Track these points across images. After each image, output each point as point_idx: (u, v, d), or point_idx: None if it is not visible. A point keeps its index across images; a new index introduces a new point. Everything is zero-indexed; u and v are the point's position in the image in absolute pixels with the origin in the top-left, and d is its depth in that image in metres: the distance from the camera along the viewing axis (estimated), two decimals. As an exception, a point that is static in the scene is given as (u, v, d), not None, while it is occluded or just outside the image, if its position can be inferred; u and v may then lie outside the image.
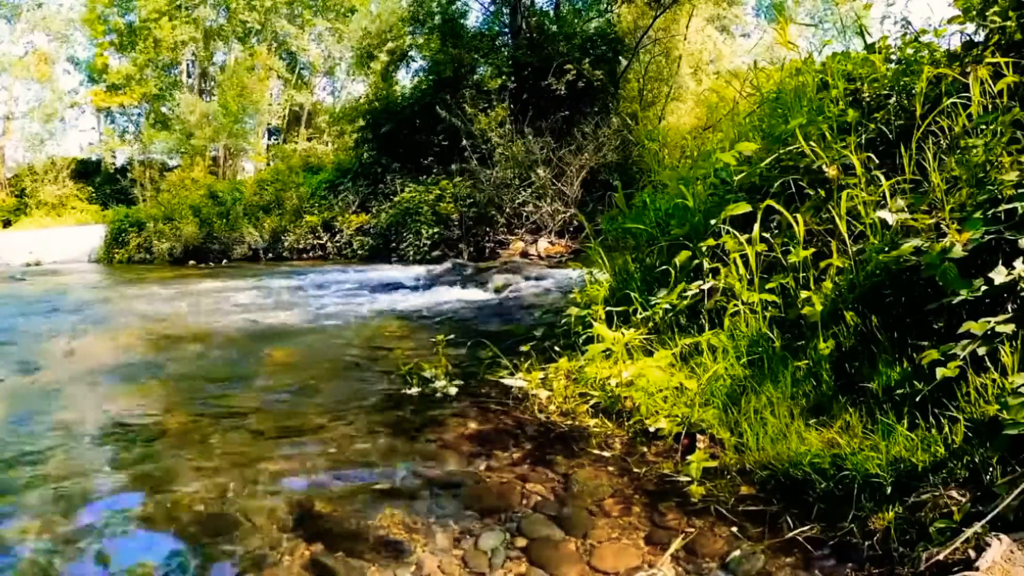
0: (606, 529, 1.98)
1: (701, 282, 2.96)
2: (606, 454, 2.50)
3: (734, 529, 1.91)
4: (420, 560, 1.86)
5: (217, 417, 3.09)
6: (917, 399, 1.96)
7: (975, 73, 2.52)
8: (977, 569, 1.42)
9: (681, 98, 14.92)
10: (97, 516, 2.15)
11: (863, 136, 2.86)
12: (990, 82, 2.50)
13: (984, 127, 2.39)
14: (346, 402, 3.28)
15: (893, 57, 3.19)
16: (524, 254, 10.85)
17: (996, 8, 2.71)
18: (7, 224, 21.81)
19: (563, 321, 3.73)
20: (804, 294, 2.53)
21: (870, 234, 2.50)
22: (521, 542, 1.94)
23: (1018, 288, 1.88)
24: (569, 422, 2.82)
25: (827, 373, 2.32)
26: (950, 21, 2.92)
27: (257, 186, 15.02)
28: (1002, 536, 1.48)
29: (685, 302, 3.02)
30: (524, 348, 3.45)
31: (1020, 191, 2.05)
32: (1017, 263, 1.88)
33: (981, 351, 1.85)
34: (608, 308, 3.36)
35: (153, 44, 23.03)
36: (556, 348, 3.44)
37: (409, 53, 15.01)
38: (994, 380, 1.80)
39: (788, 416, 2.24)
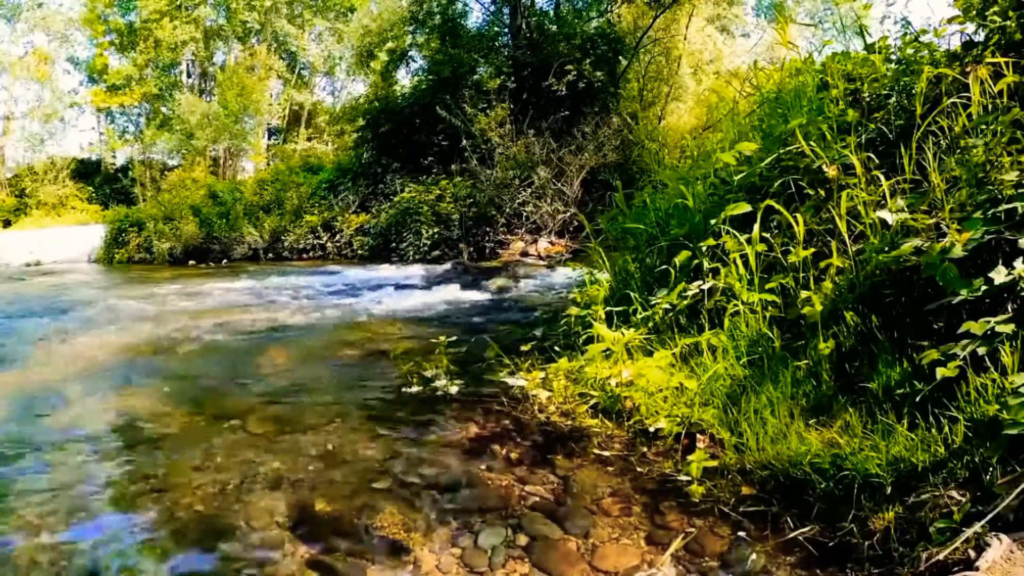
0: (607, 529, 1.98)
1: (701, 282, 2.96)
2: (606, 454, 2.50)
3: (735, 529, 1.92)
4: (420, 559, 1.86)
5: (217, 417, 3.09)
6: (917, 399, 1.96)
7: (975, 73, 2.51)
8: (977, 569, 1.42)
9: (681, 98, 14.95)
10: (97, 517, 2.15)
11: (863, 136, 2.86)
12: (990, 82, 2.50)
13: (984, 127, 2.38)
14: (346, 402, 3.28)
15: (893, 57, 3.19)
16: (524, 254, 10.85)
17: (996, 8, 2.71)
18: (7, 224, 21.75)
19: (563, 321, 3.73)
20: (804, 294, 2.53)
21: (870, 234, 2.50)
22: (522, 540, 1.94)
23: (1018, 288, 1.88)
24: (569, 422, 2.82)
25: (827, 373, 2.32)
26: (950, 21, 2.92)
27: (257, 186, 14.99)
28: (1002, 536, 1.48)
29: (685, 302, 3.02)
30: (524, 348, 3.45)
31: (1020, 191, 2.06)
32: (1017, 263, 1.88)
33: (981, 351, 1.85)
34: (608, 308, 3.36)
35: (153, 44, 22.99)
36: (556, 348, 3.44)
37: (409, 53, 15.01)
38: (994, 380, 1.80)
39: (788, 416, 2.24)
